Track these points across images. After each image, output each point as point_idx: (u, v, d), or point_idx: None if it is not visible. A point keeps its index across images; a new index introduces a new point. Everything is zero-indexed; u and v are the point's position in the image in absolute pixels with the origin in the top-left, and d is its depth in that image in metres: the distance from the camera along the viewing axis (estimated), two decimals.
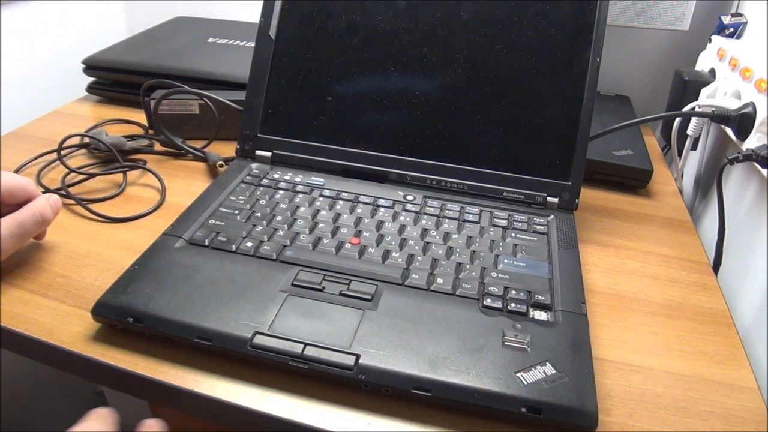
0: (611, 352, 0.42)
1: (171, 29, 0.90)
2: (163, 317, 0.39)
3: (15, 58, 0.83)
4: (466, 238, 0.49)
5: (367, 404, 0.36)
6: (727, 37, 0.66)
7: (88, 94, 0.79)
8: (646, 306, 0.47)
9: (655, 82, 0.85)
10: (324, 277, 0.43)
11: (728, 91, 0.59)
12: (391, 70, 0.56)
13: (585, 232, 0.56)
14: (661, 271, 0.51)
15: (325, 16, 0.57)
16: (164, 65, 0.75)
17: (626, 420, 0.37)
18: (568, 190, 0.54)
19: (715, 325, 0.46)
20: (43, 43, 0.88)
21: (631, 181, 0.64)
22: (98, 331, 0.40)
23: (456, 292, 0.43)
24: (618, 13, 0.75)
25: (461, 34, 0.55)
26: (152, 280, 0.42)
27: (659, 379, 0.40)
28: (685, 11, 0.74)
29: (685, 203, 0.64)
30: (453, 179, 0.55)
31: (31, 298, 0.43)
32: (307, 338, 0.38)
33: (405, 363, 0.37)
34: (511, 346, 0.38)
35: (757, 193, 0.56)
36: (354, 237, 0.48)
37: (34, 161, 0.62)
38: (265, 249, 0.46)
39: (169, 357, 0.39)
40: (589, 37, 0.53)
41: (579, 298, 0.43)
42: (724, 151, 0.64)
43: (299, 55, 0.58)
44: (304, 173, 0.57)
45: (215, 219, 0.49)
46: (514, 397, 0.35)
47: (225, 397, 0.36)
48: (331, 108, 0.58)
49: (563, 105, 0.54)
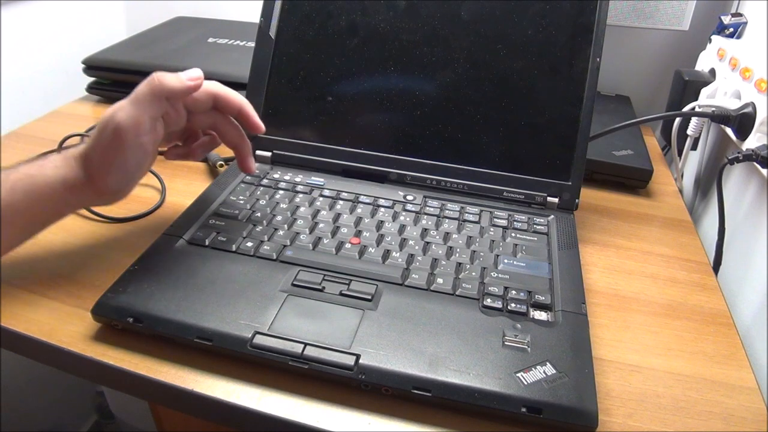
0: (611, 352, 0.42)
1: (171, 29, 0.90)
2: (163, 317, 0.39)
3: (15, 58, 0.83)
4: (466, 238, 0.49)
5: (367, 404, 0.36)
6: (727, 37, 0.66)
7: (88, 94, 0.79)
8: (646, 306, 0.47)
9: (655, 82, 0.85)
10: (324, 277, 0.43)
11: (728, 91, 0.59)
12: (391, 70, 0.56)
13: (585, 232, 0.56)
14: (661, 271, 0.51)
15: (325, 16, 0.57)
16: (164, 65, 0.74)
17: (626, 420, 0.37)
18: (568, 190, 0.54)
19: (715, 325, 0.46)
20: (43, 44, 0.88)
21: (631, 181, 0.64)
22: (98, 331, 0.40)
23: (456, 292, 0.43)
24: (618, 13, 0.75)
25: (461, 34, 0.55)
26: (152, 280, 0.42)
27: (659, 379, 0.40)
28: (685, 11, 0.74)
29: (685, 203, 0.64)
30: (453, 179, 0.55)
31: (31, 298, 0.43)
32: (307, 338, 0.38)
33: (405, 363, 0.37)
34: (511, 346, 0.38)
35: (757, 193, 0.56)
36: (354, 237, 0.48)
37: None
38: (265, 249, 0.46)
39: (169, 357, 0.39)
40: (589, 37, 0.53)
41: (579, 298, 0.43)
42: (724, 151, 0.64)
43: (299, 55, 0.58)
44: (304, 173, 0.57)
45: (215, 219, 0.49)
46: (514, 397, 0.35)
47: (225, 397, 0.36)
48: (331, 108, 0.58)
49: (563, 105, 0.54)
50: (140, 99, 0.42)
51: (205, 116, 0.47)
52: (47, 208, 0.42)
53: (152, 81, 0.42)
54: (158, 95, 0.42)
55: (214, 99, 0.46)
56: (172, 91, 0.43)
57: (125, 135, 0.41)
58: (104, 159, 0.42)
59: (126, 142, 0.41)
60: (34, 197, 0.40)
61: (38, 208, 0.41)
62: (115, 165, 0.42)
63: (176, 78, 0.43)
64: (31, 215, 0.41)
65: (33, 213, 0.41)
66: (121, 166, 0.42)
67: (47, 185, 0.41)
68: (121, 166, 0.42)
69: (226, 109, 0.47)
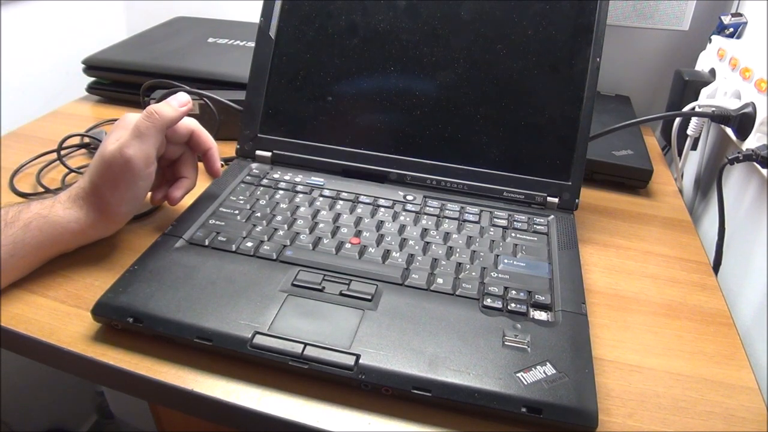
0: (611, 352, 0.42)
1: (171, 29, 0.90)
2: (163, 317, 0.39)
3: (15, 58, 0.83)
4: (466, 238, 0.49)
5: (367, 404, 0.36)
6: (727, 37, 0.66)
7: (88, 94, 0.79)
8: (646, 306, 0.47)
9: (655, 82, 0.85)
10: (324, 277, 0.43)
11: (728, 91, 0.59)
12: (391, 70, 0.56)
13: (585, 232, 0.56)
14: (661, 271, 0.51)
15: (325, 16, 0.57)
16: (164, 65, 0.75)
17: (626, 420, 0.37)
18: (568, 190, 0.54)
19: (715, 325, 0.46)
20: (43, 44, 0.88)
21: (631, 181, 0.64)
22: (98, 331, 0.40)
23: (456, 292, 0.43)
24: (618, 13, 0.76)
25: (461, 34, 0.55)
26: (152, 280, 0.42)
27: (659, 379, 0.40)
28: (685, 11, 0.74)
29: (685, 203, 0.64)
30: (453, 179, 0.55)
31: (31, 298, 0.43)
32: (307, 338, 0.38)
33: (405, 363, 0.37)
34: (511, 346, 0.38)
35: (757, 193, 0.56)
36: (354, 237, 0.48)
37: (34, 161, 0.62)
38: (265, 249, 0.46)
39: (169, 357, 0.39)
40: (589, 37, 0.53)
41: (579, 298, 0.43)
42: (724, 151, 0.64)
43: (299, 55, 0.58)
44: (304, 173, 0.57)
45: (215, 219, 0.49)
46: (514, 397, 0.35)
47: (225, 397, 0.36)
48: (331, 108, 0.58)
49: (563, 105, 0.54)
50: (144, 133, 0.45)
51: (175, 148, 0.51)
52: (59, 244, 0.45)
53: (152, 115, 0.45)
54: (160, 128, 0.46)
55: (190, 134, 0.50)
56: (172, 121, 0.47)
57: (137, 169, 0.44)
58: (116, 192, 0.45)
59: (138, 175, 0.45)
60: (47, 236, 0.43)
61: (49, 245, 0.44)
62: (128, 196, 0.46)
63: (171, 108, 0.47)
64: (43, 251, 0.44)
65: (45, 249, 0.44)
66: (134, 196, 0.46)
67: (59, 225, 0.44)
68: (133, 196, 0.46)
69: (198, 146, 0.51)
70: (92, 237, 0.47)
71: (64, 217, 0.44)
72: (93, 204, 0.45)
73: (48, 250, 0.44)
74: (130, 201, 0.46)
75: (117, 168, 0.44)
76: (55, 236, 0.43)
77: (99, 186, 0.45)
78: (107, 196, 0.45)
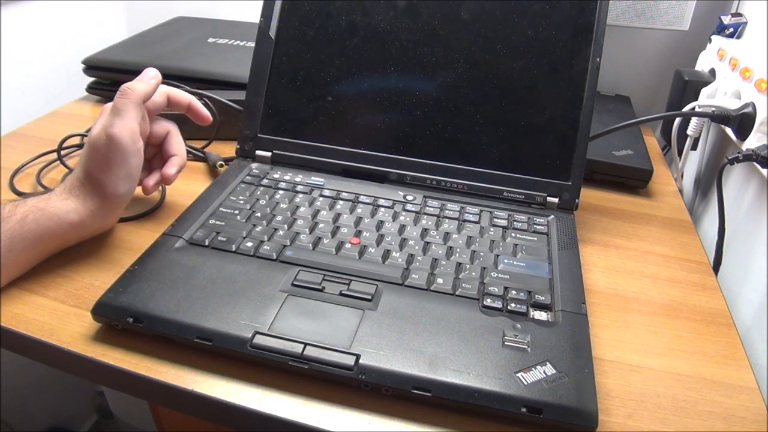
0: (611, 352, 0.42)
1: (171, 29, 0.90)
2: (163, 317, 0.39)
3: (15, 58, 0.82)
4: (466, 238, 0.49)
5: (367, 404, 0.36)
6: (727, 37, 0.66)
7: (88, 94, 0.79)
8: (646, 306, 0.47)
9: (655, 82, 0.85)
10: (324, 277, 0.43)
11: (728, 91, 0.59)
12: (391, 70, 0.56)
13: (585, 232, 0.56)
14: (661, 271, 0.51)
15: (325, 16, 0.57)
16: (164, 65, 0.74)
17: (626, 420, 0.37)
18: (568, 190, 0.54)
19: (715, 325, 0.46)
20: (43, 44, 0.88)
21: (631, 181, 0.64)
22: (98, 331, 0.40)
23: (456, 292, 0.43)
24: (618, 13, 0.75)
25: (461, 34, 0.55)
26: (152, 280, 0.42)
27: (659, 379, 0.40)
28: (685, 11, 0.74)
29: (685, 203, 0.64)
30: (453, 179, 0.55)
31: (31, 298, 0.43)
32: (307, 338, 0.38)
33: (405, 363, 0.37)
34: (511, 346, 0.38)
35: (757, 193, 0.56)
36: (354, 237, 0.48)
37: (34, 161, 0.62)
38: (265, 249, 0.46)
39: (169, 357, 0.39)
40: (589, 37, 0.53)
41: (579, 298, 0.43)
42: (724, 151, 0.64)
43: (299, 55, 0.58)
44: (304, 173, 0.57)
45: (215, 219, 0.49)
46: (514, 397, 0.35)
47: (225, 397, 0.36)
48: (331, 108, 0.58)
49: (563, 105, 0.54)
50: (122, 109, 0.45)
51: (159, 127, 0.51)
52: (58, 237, 0.44)
53: (125, 92, 0.46)
54: (136, 101, 0.46)
55: (167, 97, 0.51)
56: (146, 94, 0.47)
57: (124, 144, 0.45)
58: (110, 173, 0.45)
59: (127, 150, 0.45)
60: (45, 228, 0.43)
61: (48, 238, 0.43)
62: (122, 174, 0.45)
63: (142, 82, 0.47)
64: (42, 245, 0.44)
65: (43, 243, 0.44)
66: (128, 173, 0.46)
67: (57, 216, 0.43)
68: (127, 174, 0.46)
69: (177, 105, 0.52)
70: (92, 228, 0.47)
71: (62, 208, 0.44)
72: (89, 191, 0.45)
73: (47, 243, 0.44)
74: (125, 180, 0.46)
75: (105, 149, 0.44)
76: (53, 229, 0.43)
77: (91, 171, 0.45)
78: (101, 179, 0.45)
